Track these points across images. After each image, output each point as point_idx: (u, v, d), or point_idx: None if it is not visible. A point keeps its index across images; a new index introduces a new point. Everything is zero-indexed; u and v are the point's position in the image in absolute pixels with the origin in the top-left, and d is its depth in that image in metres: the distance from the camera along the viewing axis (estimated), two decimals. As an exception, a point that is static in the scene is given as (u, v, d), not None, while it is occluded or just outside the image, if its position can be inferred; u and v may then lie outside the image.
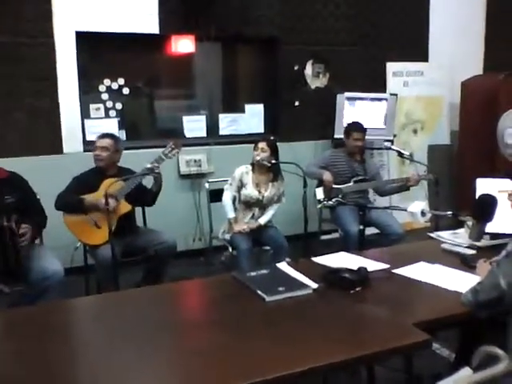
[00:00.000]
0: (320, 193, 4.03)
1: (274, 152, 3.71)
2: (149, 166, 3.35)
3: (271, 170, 3.73)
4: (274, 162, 3.66)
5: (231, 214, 3.70)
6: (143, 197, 3.52)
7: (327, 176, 4.03)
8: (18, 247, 2.76)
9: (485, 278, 1.80)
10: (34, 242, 3.00)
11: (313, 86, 5.25)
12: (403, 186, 4.10)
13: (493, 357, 1.34)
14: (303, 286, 2.07)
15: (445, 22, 5.65)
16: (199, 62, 5.04)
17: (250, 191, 3.70)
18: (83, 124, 4.49)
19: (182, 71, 5.06)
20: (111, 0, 4.34)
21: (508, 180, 1.95)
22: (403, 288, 2.11)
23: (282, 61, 5.14)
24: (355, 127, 4.23)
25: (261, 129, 5.20)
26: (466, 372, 1.30)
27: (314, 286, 2.06)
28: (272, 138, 3.97)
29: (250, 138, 4.53)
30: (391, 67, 5.40)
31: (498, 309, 1.75)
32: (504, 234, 2.37)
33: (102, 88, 4.57)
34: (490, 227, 2.23)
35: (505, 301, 1.70)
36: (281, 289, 2.02)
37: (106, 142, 3.42)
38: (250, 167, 3.75)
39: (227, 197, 3.74)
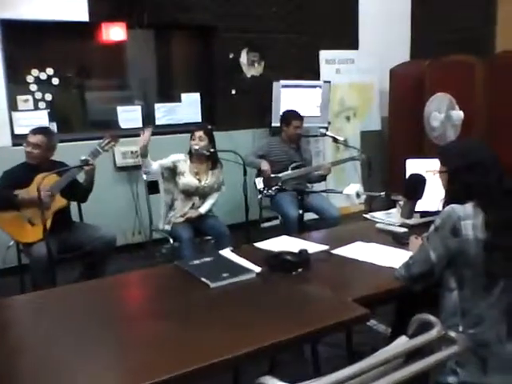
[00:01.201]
0: (260, 183, 4.09)
1: (211, 140, 3.72)
2: (83, 158, 3.25)
3: (209, 159, 3.74)
4: (212, 150, 3.66)
5: (154, 166, 3.61)
6: (76, 192, 3.41)
7: (265, 165, 4.10)
8: None
9: (416, 253, 1.91)
10: None
11: (249, 75, 5.28)
12: (320, 176, 4.25)
13: (427, 324, 1.43)
14: (247, 270, 2.10)
15: (373, 9, 5.82)
16: (132, 50, 4.93)
17: (189, 180, 3.69)
18: (11, 117, 4.27)
19: (115, 60, 4.93)
20: (36, -14, 4.15)
21: (435, 160, 2.07)
22: (342, 267, 2.20)
23: (217, 49, 5.12)
24: (294, 115, 4.32)
25: (198, 118, 5.16)
26: (402, 340, 1.37)
27: (258, 270, 2.09)
28: (208, 126, 3.96)
29: (188, 128, 4.48)
30: (324, 55, 5.53)
31: (429, 281, 1.86)
32: (432, 212, 2.50)
33: (29, 79, 4.37)
34: (420, 206, 2.36)
35: (435, 273, 1.82)
36: (225, 275, 2.04)
37: (39, 138, 3.26)
38: (187, 156, 3.73)
39: (155, 164, 3.64)
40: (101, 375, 1.45)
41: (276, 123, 4.67)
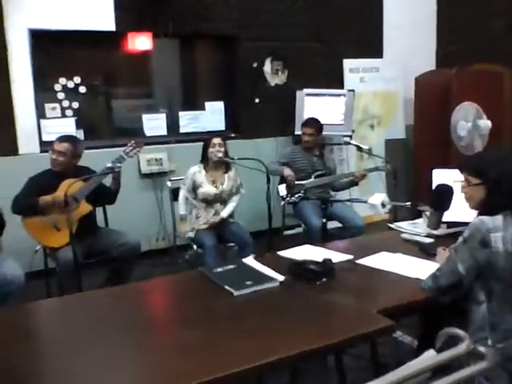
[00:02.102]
0: (283, 190, 4.09)
1: (225, 146, 3.76)
2: (109, 165, 3.30)
3: (222, 164, 3.76)
4: (236, 158, 3.67)
5: (182, 211, 3.75)
6: (103, 196, 3.45)
7: (288, 172, 4.10)
8: None
9: (444, 265, 1.87)
10: None
11: (272, 83, 5.29)
12: (351, 182, 4.21)
13: (455, 338, 1.40)
14: (270, 279, 2.09)
15: (398, 18, 5.79)
16: (157, 59, 4.99)
17: (207, 189, 3.71)
18: (39, 124, 4.36)
19: (140, 69, 5.00)
20: (65, -4, 4.25)
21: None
22: (367, 277, 2.17)
23: (240, 58, 5.15)
24: (304, 122, 4.34)
25: (222, 126, 5.19)
26: (430, 354, 1.34)
27: (281, 278, 2.09)
28: (232, 134, 3.99)
29: (211, 136, 4.53)
30: (348, 64, 5.51)
31: (457, 293, 1.82)
32: (460, 223, 2.46)
33: (57, 87, 4.46)
34: (447, 216, 2.32)
35: (463, 285, 1.78)
36: (248, 283, 2.04)
37: (64, 146, 3.30)
38: (201, 166, 3.76)
39: (181, 196, 3.78)
40: (123, 381, 1.46)
41: (299, 131, 4.67)
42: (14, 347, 1.65)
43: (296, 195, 4.00)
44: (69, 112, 4.51)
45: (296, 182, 4.08)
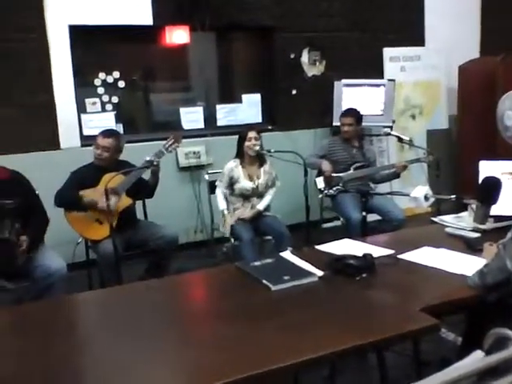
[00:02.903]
0: (321, 182, 4.03)
1: (260, 139, 3.72)
2: (148, 158, 3.33)
3: (257, 157, 3.72)
4: (273, 150, 3.63)
5: (223, 206, 3.71)
6: (143, 190, 3.50)
7: (325, 166, 4.03)
8: (15, 261, 2.73)
9: (491, 261, 1.79)
10: (37, 248, 2.93)
11: (310, 74, 5.22)
12: (394, 174, 4.10)
13: (504, 339, 1.33)
14: (308, 274, 2.06)
15: (440, 5, 5.60)
16: (194, 52, 4.99)
17: (244, 184, 3.70)
18: (80, 119, 4.45)
19: (178, 62, 5.02)
20: (104, -8, 4.30)
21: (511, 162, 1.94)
22: (409, 273, 2.10)
23: (277, 49, 5.09)
24: (343, 112, 4.26)
25: (258, 118, 5.16)
26: (478, 355, 1.28)
27: (320, 273, 2.05)
28: (269, 126, 3.95)
29: (246, 129, 4.50)
30: (388, 52, 5.36)
31: (505, 291, 1.74)
32: (508, 217, 2.36)
33: (97, 82, 4.53)
34: (494, 210, 2.22)
35: (512, 283, 1.70)
36: (286, 277, 2.00)
37: (109, 142, 3.36)
38: (237, 160, 3.73)
39: (219, 193, 3.76)
40: (163, 374, 1.46)
41: (337, 123, 4.59)
42: (57, 337, 1.68)
43: (334, 188, 3.93)
44: (108, 106, 4.58)
45: (334, 175, 4.01)
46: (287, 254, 2.31)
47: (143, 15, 4.43)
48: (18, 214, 2.83)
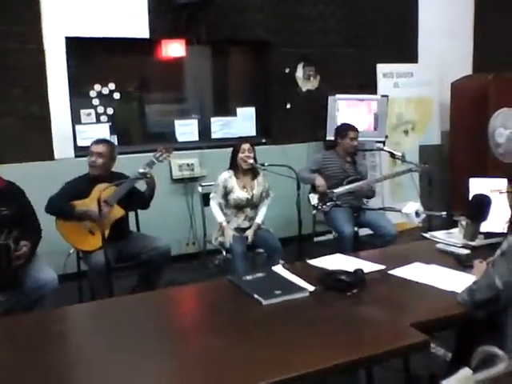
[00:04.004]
0: (314, 199, 4.04)
1: (254, 152, 3.75)
2: (141, 170, 3.34)
3: (251, 169, 3.75)
4: (267, 164, 3.65)
5: (221, 218, 3.70)
6: (137, 201, 3.50)
7: (319, 181, 4.05)
8: (12, 266, 2.71)
9: (480, 278, 1.81)
10: (31, 258, 2.92)
11: (304, 89, 5.26)
12: (371, 191, 4.17)
13: (492, 357, 1.34)
14: (300, 289, 2.06)
15: (433, 22, 5.68)
16: (190, 65, 5.03)
17: (239, 194, 3.71)
18: (74, 130, 4.46)
19: (173, 75, 5.05)
20: (101, 5, 4.32)
21: (501, 179, 1.97)
22: (400, 289, 2.11)
23: (272, 64, 5.14)
24: (351, 127, 4.26)
25: (253, 132, 5.20)
26: (465, 373, 1.29)
27: (311, 288, 2.05)
28: (263, 140, 3.98)
29: (240, 142, 4.53)
30: (381, 68, 5.42)
31: (494, 308, 1.76)
32: (498, 234, 2.38)
33: (92, 93, 4.55)
34: (484, 226, 2.24)
35: (501, 300, 1.72)
36: (277, 292, 2.01)
37: (102, 148, 3.38)
38: (231, 172, 3.75)
39: (214, 205, 3.75)
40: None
41: (331, 137, 4.62)
42: (47, 349, 1.67)
43: (328, 203, 3.95)
44: (103, 118, 4.59)
45: (328, 191, 4.03)
46: (279, 269, 2.32)
47: (140, 28, 4.47)
48: (14, 222, 2.83)
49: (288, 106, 5.19)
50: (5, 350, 1.70)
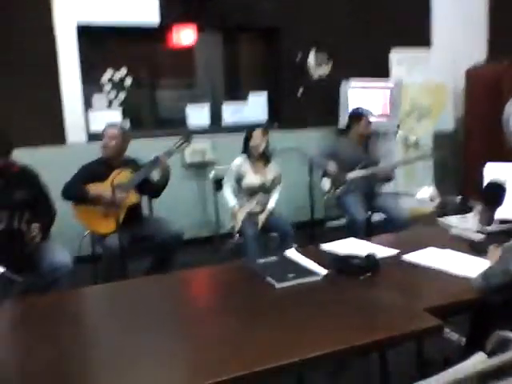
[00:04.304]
0: (326, 184, 4.02)
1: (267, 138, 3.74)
2: (154, 156, 3.35)
3: (264, 155, 3.74)
4: (279, 149, 3.64)
5: (233, 203, 3.71)
6: (148, 189, 3.52)
7: (331, 166, 4.02)
8: (25, 249, 2.76)
9: (495, 264, 1.79)
10: (45, 238, 2.95)
11: (316, 75, 5.22)
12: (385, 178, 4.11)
13: (506, 341, 1.34)
14: (313, 272, 2.06)
15: (447, 8, 5.60)
16: (201, 51, 5.01)
17: (252, 179, 3.71)
18: (86, 115, 4.47)
19: (184, 61, 5.04)
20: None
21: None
22: (413, 273, 2.10)
23: (284, 50, 5.10)
24: (365, 111, 4.20)
25: (264, 117, 5.18)
26: (480, 357, 1.29)
27: (324, 272, 2.05)
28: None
29: (253, 128, 4.51)
30: (395, 54, 5.36)
31: (509, 293, 1.74)
32: (512, 219, 2.36)
33: (104, 79, 4.55)
34: (499, 212, 2.22)
35: (516, 285, 1.70)
36: (290, 275, 2.02)
37: (115, 131, 3.42)
38: (244, 157, 3.75)
39: (227, 190, 3.76)
40: (165, 369, 1.47)
41: (343, 123, 4.59)
42: (62, 330, 1.70)
43: (339, 188, 3.93)
44: (115, 103, 4.60)
45: (340, 175, 4.01)
46: (292, 252, 2.32)
47: (151, 14, 4.45)
48: (28, 206, 2.88)
49: (300, 91, 5.16)
50: (21, 330, 1.73)
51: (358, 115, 4.20)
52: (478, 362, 1.27)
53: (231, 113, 5.06)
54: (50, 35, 4.15)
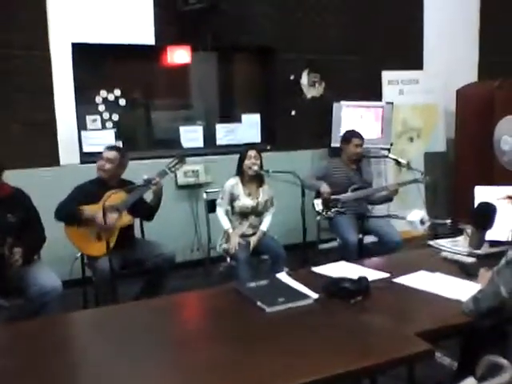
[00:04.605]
0: (319, 205, 4.03)
1: (260, 159, 3.75)
2: (146, 177, 3.34)
3: (257, 177, 3.75)
4: (271, 171, 3.65)
5: (227, 225, 3.71)
6: (142, 211, 3.51)
7: (324, 188, 4.03)
8: (3, 274, 2.72)
9: (485, 287, 1.80)
10: (29, 262, 2.93)
11: (309, 95, 5.27)
12: (386, 197, 4.11)
13: (497, 366, 1.33)
14: (303, 296, 2.06)
15: (439, 29, 5.69)
16: (195, 72, 5.06)
17: (245, 201, 3.72)
18: (80, 136, 4.48)
19: (179, 81, 5.07)
20: (107, 11, 4.36)
21: (507, 187, 1.96)
22: (404, 297, 2.10)
23: (278, 70, 5.15)
24: (356, 133, 4.24)
25: (257, 138, 5.20)
26: (470, 382, 1.28)
27: (315, 296, 2.05)
28: (268, 147, 3.98)
29: (247, 148, 4.53)
30: (386, 75, 5.43)
31: (499, 317, 1.74)
32: (503, 242, 2.37)
33: (98, 99, 4.57)
34: (489, 235, 2.23)
35: (505, 309, 1.70)
36: (281, 299, 2.01)
37: (113, 154, 3.41)
38: (238, 178, 3.76)
39: (221, 212, 3.76)
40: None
41: (336, 144, 4.62)
42: (50, 357, 1.67)
43: (332, 210, 3.93)
44: (109, 124, 4.62)
45: (332, 197, 4.02)
46: (283, 276, 2.31)
47: (145, 35, 4.50)
48: (15, 229, 2.85)
49: (293, 112, 5.20)
50: (8, 357, 1.70)
51: (348, 137, 4.24)
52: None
53: (225, 134, 5.09)
54: (45, 55, 4.17)
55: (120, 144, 4.58)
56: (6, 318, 2.75)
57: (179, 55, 4.76)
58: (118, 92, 4.62)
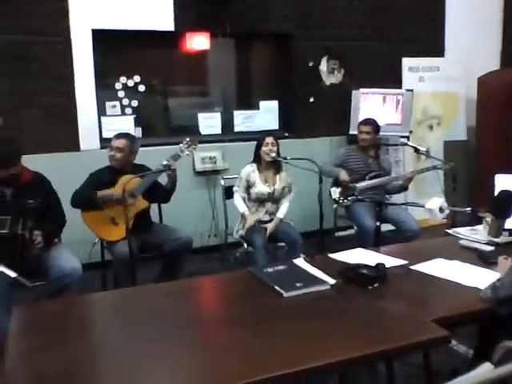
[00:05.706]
0: (335, 192, 4.02)
1: (277, 146, 3.76)
2: (165, 162, 3.37)
3: (274, 164, 3.75)
4: (289, 158, 3.65)
5: (243, 209, 3.73)
6: (158, 194, 3.54)
7: (343, 175, 4.02)
8: (25, 256, 2.77)
9: (505, 275, 1.79)
10: (49, 245, 2.99)
11: (328, 82, 5.24)
12: (401, 186, 4.09)
13: (513, 353, 1.33)
14: (321, 281, 2.07)
15: (461, 16, 5.59)
16: (214, 58, 5.05)
17: (261, 188, 3.73)
18: (100, 121, 4.52)
19: (197, 68, 5.08)
20: (127, -2, 4.37)
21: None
22: (421, 284, 2.10)
23: (296, 57, 5.12)
24: (363, 121, 4.24)
25: (275, 125, 5.19)
26: (486, 367, 1.29)
27: (332, 281, 2.06)
28: (285, 134, 3.97)
29: (264, 135, 4.54)
30: (407, 62, 5.35)
31: (517, 305, 1.73)
32: (523, 231, 2.35)
33: (118, 85, 4.61)
34: (509, 223, 2.21)
35: (525, 297, 1.69)
36: (298, 284, 2.02)
37: (121, 142, 3.42)
38: (254, 165, 3.77)
39: (238, 198, 3.78)
40: (172, 377, 1.48)
41: (354, 131, 4.59)
42: (71, 336, 1.72)
43: (349, 198, 3.92)
44: (128, 110, 4.65)
45: (350, 185, 4.00)
46: (300, 261, 2.32)
47: (165, 21, 4.50)
48: (36, 213, 2.91)
49: (311, 99, 5.18)
50: (29, 335, 1.75)
51: (358, 125, 4.23)
52: (484, 371, 1.27)
53: (243, 121, 5.09)
54: (66, 41, 4.20)
55: (139, 130, 4.63)
56: (29, 299, 2.81)
57: (198, 42, 4.76)
58: (137, 78, 4.65)
